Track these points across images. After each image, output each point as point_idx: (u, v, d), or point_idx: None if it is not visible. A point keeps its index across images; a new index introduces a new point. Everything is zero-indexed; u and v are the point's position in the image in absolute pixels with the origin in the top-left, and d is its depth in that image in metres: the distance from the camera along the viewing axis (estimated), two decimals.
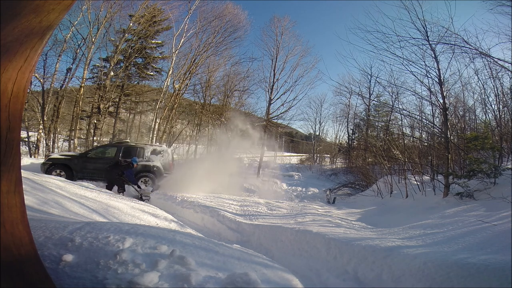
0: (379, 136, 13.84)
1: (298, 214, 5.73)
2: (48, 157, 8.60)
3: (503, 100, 8.58)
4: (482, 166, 5.29)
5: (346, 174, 14.63)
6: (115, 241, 1.58)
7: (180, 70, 14.71)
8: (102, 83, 13.62)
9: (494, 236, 2.72)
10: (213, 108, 16.75)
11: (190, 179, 7.88)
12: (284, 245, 3.84)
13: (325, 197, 8.96)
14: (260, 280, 1.50)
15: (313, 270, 3.16)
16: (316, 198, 9.45)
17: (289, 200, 8.91)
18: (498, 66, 7.08)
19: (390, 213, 5.83)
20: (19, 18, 1.15)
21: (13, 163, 1.20)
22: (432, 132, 8.14)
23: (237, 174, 10.27)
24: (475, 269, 2.08)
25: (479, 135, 6.00)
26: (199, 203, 5.98)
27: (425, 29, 6.37)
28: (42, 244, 1.50)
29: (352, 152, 17.46)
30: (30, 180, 3.64)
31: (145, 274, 1.35)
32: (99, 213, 3.49)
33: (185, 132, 18.90)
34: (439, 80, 6.40)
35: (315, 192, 10.80)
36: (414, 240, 3.18)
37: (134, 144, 8.98)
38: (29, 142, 12.76)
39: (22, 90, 1.22)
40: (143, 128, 19.25)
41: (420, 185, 6.67)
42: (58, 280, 1.31)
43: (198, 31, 14.75)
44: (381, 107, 17.35)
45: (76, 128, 13.62)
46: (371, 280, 2.66)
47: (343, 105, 20.82)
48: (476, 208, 4.26)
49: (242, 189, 10.00)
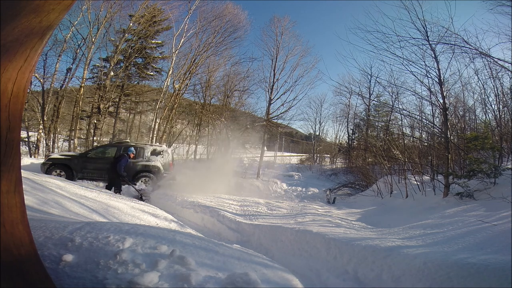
0: (379, 136, 13.84)
1: (298, 214, 5.73)
2: (48, 157, 8.60)
3: (503, 100, 8.59)
4: (482, 166, 5.29)
5: (346, 174, 14.62)
6: (115, 241, 1.58)
7: (180, 70, 14.71)
8: (102, 83, 13.61)
9: (494, 236, 2.71)
10: (213, 108, 16.74)
11: (198, 182, 7.91)
12: (284, 245, 3.84)
13: (325, 197, 8.96)
14: (260, 280, 1.50)
15: (313, 270, 3.16)
16: (316, 198, 9.45)
17: (289, 200, 8.90)
18: (498, 66, 7.09)
19: (390, 213, 5.83)
20: (19, 18, 1.15)
21: (13, 163, 1.20)
22: (432, 132, 8.14)
23: (240, 175, 10.27)
24: (475, 269, 2.08)
25: (479, 135, 6.00)
26: (199, 203, 5.98)
27: (425, 29, 6.38)
28: (42, 244, 1.50)
29: (352, 152, 17.45)
30: (30, 180, 3.64)
31: (145, 274, 1.35)
32: (99, 213, 3.49)
33: (185, 132, 18.89)
34: (439, 80, 6.40)
35: (315, 192, 10.79)
36: (414, 240, 3.18)
37: (134, 144, 8.97)
38: (29, 142, 12.76)
39: (22, 90, 1.22)
40: (143, 128, 19.26)
41: (420, 185, 6.66)
42: (58, 280, 1.31)
43: (198, 31, 14.75)
44: (381, 107, 17.35)
45: (76, 128, 13.62)
46: (371, 280, 2.66)
47: (343, 105, 20.84)
48: (476, 208, 4.25)
49: (247, 190, 10.00)
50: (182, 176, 8.47)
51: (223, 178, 8.97)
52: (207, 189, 7.63)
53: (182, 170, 9.47)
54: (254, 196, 8.39)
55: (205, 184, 7.97)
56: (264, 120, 15.52)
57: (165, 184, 7.99)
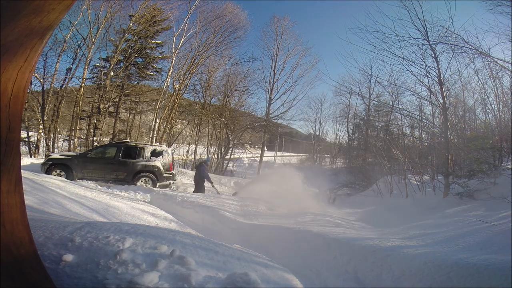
0: (379, 136, 13.84)
1: (298, 214, 5.73)
2: (48, 157, 8.58)
3: (503, 100, 8.57)
4: (482, 166, 5.29)
5: (346, 174, 14.63)
6: (115, 241, 1.58)
7: (180, 70, 14.72)
8: (102, 83, 13.61)
9: (494, 236, 2.72)
10: (213, 108, 16.75)
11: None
12: (284, 245, 3.84)
13: (325, 197, 8.95)
14: (260, 280, 1.50)
15: (313, 270, 3.16)
16: (316, 198, 9.42)
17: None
18: (498, 66, 7.08)
19: (390, 213, 5.83)
20: (19, 18, 1.15)
21: (13, 163, 1.20)
22: (432, 132, 8.14)
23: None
24: (475, 269, 2.08)
25: (479, 135, 6.00)
26: (199, 203, 5.98)
27: (425, 29, 6.38)
28: (42, 244, 1.50)
29: (352, 152, 17.46)
30: (30, 180, 3.64)
31: (145, 274, 1.35)
32: (99, 213, 3.49)
33: (185, 132, 18.90)
34: (439, 80, 6.41)
35: (315, 192, 10.78)
36: (414, 240, 3.18)
37: (134, 144, 8.97)
38: (29, 142, 12.75)
39: (22, 90, 1.23)
40: (143, 128, 19.25)
41: (420, 185, 6.66)
42: (58, 280, 1.31)
43: (198, 31, 14.76)
44: (381, 107, 17.35)
45: (76, 128, 13.63)
46: (371, 280, 2.66)
47: (343, 105, 20.82)
48: (476, 208, 4.26)
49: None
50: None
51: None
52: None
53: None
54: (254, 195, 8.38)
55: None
56: (264, 120, 15.53)
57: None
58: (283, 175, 9.28)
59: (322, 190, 9.41)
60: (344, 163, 18.66)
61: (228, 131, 15.14)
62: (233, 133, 15.19)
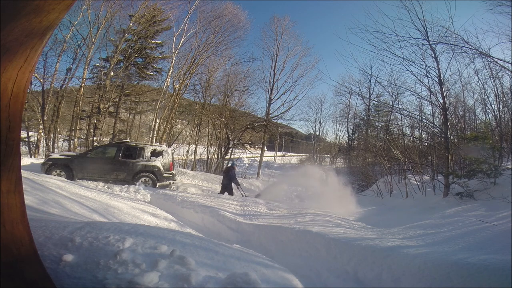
0: (379, 136, 13.84)
1: (298, 214, 5.72)
2: (48, 157, 8.58)
3: (503, 100, 8.57)
4: (482, 166, 5.29)
5: (346, 174, 14.62)
6: (115, 241, 1.58)
7: (180, 70, 14.70)
8: (102, 83, 13.60)
9: (494, 236, 2.72)
10: (213, 108, 16.74)
11: None
12: (284, 245, 3.84)
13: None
14: (260, 280, 1.50)
15: (313, 270, 3.16)
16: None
17: (289, 200, 8.89)
18: (498, 66, 7.07)
19: (390, 213, 5.83)
20: (19, 18, 1.15)
21: (13, 163, 1.20)
22: (432, 132, 8.14)
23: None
24: (475, 269, 2.08)
25: (479, 135, 6.00)
26: (199, 203, 5.97)
27: (425, 29, 6.37)
28: (42, 244, 1.50)
29: (352, 152, 17.46)
30: (30, 180, 3.64)
31: (145, 274, 1.35)
32: (99, 213, 3.49)
33: (185, 132, 18.89)
34: (439, 80, 6.40)
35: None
36: (414, 240, 3.18)
37: (134, 144, 8.96)
38: (29, 142, 12.75)
39: (22, 90, 1.23)
40: (143, 128, 19.25)
41: (420, 185, 6.66)
42: (58, 280, 1.31)
43: (198, 31, 14.73)
44: (381, 107, 17.37)
45: (76, 128, 13.62)
46: (371, 280, 2.66)
47: (343, 105, 20.84)
48: (476, 208, 4.25)
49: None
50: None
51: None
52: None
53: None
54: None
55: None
56: (264, 120, 15.52)
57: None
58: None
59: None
60: (344, 163, 18.65)
61: (228, 131, 15.12)
62: (233, 133, 15.17)
